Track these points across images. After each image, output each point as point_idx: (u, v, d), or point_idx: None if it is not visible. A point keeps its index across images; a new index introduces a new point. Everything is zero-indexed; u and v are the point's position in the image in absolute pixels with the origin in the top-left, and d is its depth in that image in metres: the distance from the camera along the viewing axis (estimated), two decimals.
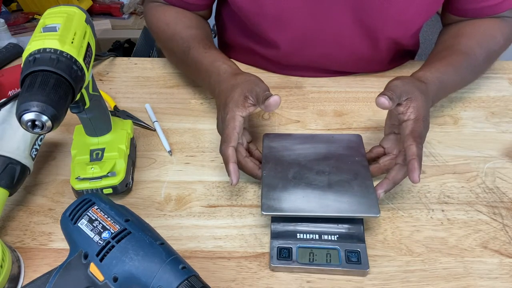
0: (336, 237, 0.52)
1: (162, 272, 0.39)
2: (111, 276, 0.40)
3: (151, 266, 0.40)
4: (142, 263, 0.40)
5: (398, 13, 0.70)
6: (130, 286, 0.40)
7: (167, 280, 0.39)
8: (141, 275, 0.39)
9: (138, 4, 1.84)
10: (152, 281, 0.39)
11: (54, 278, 0.42)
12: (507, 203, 0.58)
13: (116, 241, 0.41)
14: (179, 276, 0.39)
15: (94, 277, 0.41)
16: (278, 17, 0.71)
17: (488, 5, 0.71)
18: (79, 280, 0.42)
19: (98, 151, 0.58)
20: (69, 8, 0.49)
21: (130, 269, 0.40)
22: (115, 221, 0.43)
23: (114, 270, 0.40)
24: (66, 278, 0.42)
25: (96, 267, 0.41)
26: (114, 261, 0.40)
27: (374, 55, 0.78)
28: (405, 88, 0.55)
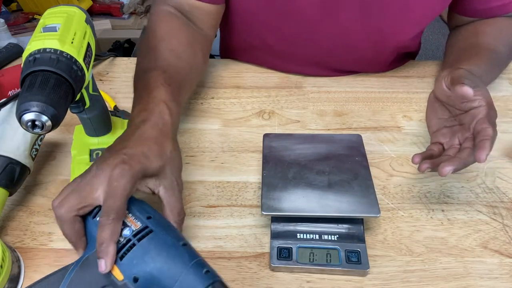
0: (336, 237, 0.52)
1: (185, 276, 0.37)
2: (131, 276, 0.38)
3: (174, 268, 0.38)
4: (165, 265, 0.38)
5: (405, 14, 0.70)
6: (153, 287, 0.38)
7: (190, 284, 0.37)
8: (163, 277, 0.37)
9: (138, 4, 1.84)
10: (175, 284, 0.37)
11: (71, 274, 0.39)
12: (507, 203, 0.58)
13: (137, 239, 0.39)
14: (203, 281, 0.37)
15: (112, 276, 0.39)
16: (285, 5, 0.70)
17: (498, 4, 0.71)
18: (96, 278, 0.39)
19: (98, 151, 0.58)
20: (69, 8, 0.49)
21: (151, 270, 0.38)
22: (136, 218, 0.41)
23: (135, 270, 0.38)
24: (83, 276, 0.40)
25: (115, 266, 0.39)
26: (135, 260, 0.39)
27: (378, 56, 0.78)
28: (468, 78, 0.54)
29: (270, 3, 0.71)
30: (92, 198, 0.42)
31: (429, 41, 2.38)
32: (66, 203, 0.42)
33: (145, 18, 1.84)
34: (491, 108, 0.53)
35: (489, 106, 0.53)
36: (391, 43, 0.75)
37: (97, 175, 0.42)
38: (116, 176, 0.41)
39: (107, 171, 0.42)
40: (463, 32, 0.76)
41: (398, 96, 0.77)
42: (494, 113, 0.53)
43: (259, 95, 0.77)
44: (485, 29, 0.72)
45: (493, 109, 0.53)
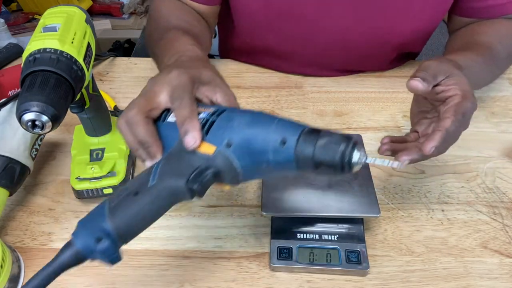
0: (336, 237, 0.52)
1: (278, 124, 0.36)
2: (223, 142, 0.36)
3: (264, 122, 0.36)
4: (254, 121, 0.37)
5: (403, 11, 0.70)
6: (248, 146, 0.36)
7: (286, 130, 0.35)
8: (257, 130, 0.36)
9: (138, 4, 1.84)
10: (271, 134, 0.35)
11: (158, 167, 0.37)
12: (507, 203, 0.58)
13: (215, 116, 0.38)
14: (298, 126, 0.35)
15: (202, 154, 0.37)
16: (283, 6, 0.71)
17: (497, 3, 0.70)
18: (187, 163, 0.37)
19: (98, 151, 0.58)
20: (69, 8, 0.49)
21: (242, 129, 0.36)
22: (208, 107, 0.40)
23: (225, 135, 0.37)
24: (171, 165, 0.38)
25: (203, 142, 0.37)
26: (222, 128, 0.37)
27: (377, 55, 0.78)
28: (441, 67, 0.49)
29: (268, 4, 0.71)
30: (158, 102, 0.42)
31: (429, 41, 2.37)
32: (135, 106, 0.41)
33: (145, 18, 1.84)
34: (465, 98, 0.47)
35: (463, 96, 0.48)
36: (391, 40, 0.75)
37: (157, 82, 0.42)
38: (175, 76, 0.42)
39: (165, 78, 0.42)
40: (461, 34, 0.74)
41: (398, 96, 0.77)
42: (467, 104, 0.47)
43: (259, 95, 0.77)
44: (483, 30, 0.71)
45: (468, 100, 0.47)
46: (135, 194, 0.35)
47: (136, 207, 0.35)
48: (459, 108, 0.46)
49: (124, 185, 0.38)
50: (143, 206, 0.35)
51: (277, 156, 0.35)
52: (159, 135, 0.41)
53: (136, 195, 0.35)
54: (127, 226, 0.35)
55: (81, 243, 0.34)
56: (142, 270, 0.51)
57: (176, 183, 0.36)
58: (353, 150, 0.34)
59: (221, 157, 0.36)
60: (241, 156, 0.36)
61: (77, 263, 0.35)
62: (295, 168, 0.36)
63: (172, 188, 0.36)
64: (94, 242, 0.33)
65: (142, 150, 0.41)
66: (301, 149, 0.34)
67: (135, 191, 0.35)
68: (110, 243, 0.34)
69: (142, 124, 0.40)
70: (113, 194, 0.37)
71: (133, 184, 0.36)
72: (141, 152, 0.41)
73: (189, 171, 0.36)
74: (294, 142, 0.35)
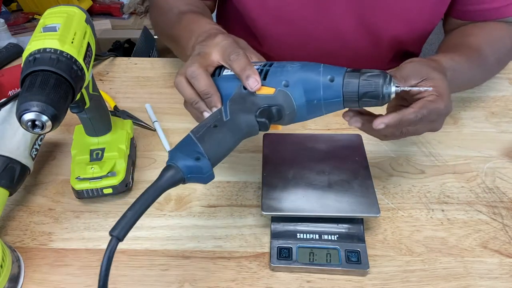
0: (336, 237, 0.52)
1: (324, 67, 0.44)
2: (281, 83, 0.44)
3: (313, 66, 0.44)
4: (304, 66, 0.44)
5: (400, 11, 0.70)
6: (303, 85, 0.43)
7: (332, 71, 0.43)
8: (308, 72, 0.43)
9: (138, 4, 1.84)
10: (321, 75, 0.43)
11: (226, 108, 0.45)
12: (507, 203, 0.58)
13: (268, 66, 0.46)
14: (341, 67, 0.44)
15: (263, 95, 0.44)
16: (279, 9, 0.71)
17: (492, 7, 0.70)
18: (251, 103, 0.45)
19: (98, 151, 0.58)
20: (69, 8, 0.49)
21: (296, 72, 0.44)
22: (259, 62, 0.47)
23: (281, 78, 0.44)
24: (238, 106, 0.45)
25: (262, 87, 0.44)
26: (278, 73, 0.44)
27: (375, 54, 0.78)
28: (417, 69, 0.50)
29: (265, 10, 0.72)
30: (212, 60, 0.48)
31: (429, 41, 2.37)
32: (195, 62, 0.47)
33: (145, 18, 1.84)
34: (439, 99, 0.48)
35: (438, 97, 0.48)
36: (387, 38, 0.75)
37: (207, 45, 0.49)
38: (221, 39, 0.49)
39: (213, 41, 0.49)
40: (453, 34, 0.74)
41: None
42: (440, 104, 0.48)
43: None
44: (474, 31, 0.71)
45: (441, 101, 0.48)
46: (215, 127, 0.43)
47: (219, 135, 0.43)
48: (428, 104, 0.47)
49: (201, 123, 0.44)
50: (224, 134, 0.43)
51: (327, 92, 0.43)
52: (221, 86, 0.47)
53: (216, 127, 0.43)
54: (214, 150, 0.42)
55: (182, 163, 0.39)
56: (142, 270, 0.51)
57: (248, 117, 0.44)
58: (390, 81, 0.42)
59: (281, 95, 0.44)
60: (297, 94, 0.44)
61: (175, 184, 0.39)
62: (341, 102, 0.43)
63: (244, 121, 0.44)
64: (194, 161, 0.40)
65: (201, 102, 0.48)
66: (348, 84, 0.42)
67: (214, 125, 0.43)
68: (207, 160, 0.40)
69: (204, 77, 0.47)
70: (195, 128, 0.43)
71: (209, 121, 0.44)
72: (201, 104, 0.48)
73: (256, 109, 0.44)
74: (341, 78, 0.43)
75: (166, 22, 0.69)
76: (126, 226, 0.36)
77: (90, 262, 0.52)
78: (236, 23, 0.81)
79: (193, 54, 0.49)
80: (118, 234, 0.36)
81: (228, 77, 0.47)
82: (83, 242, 0.54)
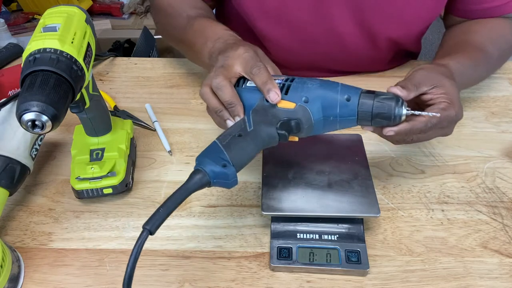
0: (336, 237, 0.52)
1: (342, 86, 0.47)
2: (301, 99, 0.47)
3: (331, 85, 0.48)
4: (323, 84, 0.48)
5: (397, 13, 0.70)
6: (321, 102, 0.47)
7: (349, 91, 0.47)
8: (326, 91, 0.47)
9: (138, 4, 1.84)
10: (338, 94, 0.47)
11: (250, 118, 0.48)
12: (507, 203, 0.58)
13: (289, 82, 0.49)
14: (357, 88, 0.47)
15: (284, 109, 0.48)
16: (278, 13, 0.71)
17: (493, 6, 0.71)
18: (273, 115, 0.48)
19: (98, 151, 0.58)
20: (69, 8, 0.49)
21: (315, 89, 0.47)
22: (279, 76, 0.51)
23: (302, 94, 0.48)
24: (261, 117, 0.48)
25: (284, 101, 0.48)
26: (299, 90, 0.48)
27: (374, 55, 0.78)
28: (428, 77, 0.52)
29: (264, 12, 0.72)
30: (234, 71, 0.51)
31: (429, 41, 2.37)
32: (220, 74, 0.50)
33: (145, 18, 1.84)
34: (450, 106, 0.50)
35: (449, 105, 0.50)
36: (385, 40, 0.75)
37: (229, 57, 0.52)
38: (243, 51, 0.52)
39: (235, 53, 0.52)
40: (455, 30, 0.75)
41: None
42: (451, 112, 0.50)
43: None
44: (477, 28, 0.71)
45: (452, 108, 0.50)
46: (239, 136, 0.46)
47: (243, 144, 0.46)
48: (439, 112, 0.49)
49: (226, 131, 0.47)
50: (247, 143, 0.46)
51: (343, 110, 0.47)
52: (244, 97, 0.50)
53: (240, 137, 0.46)
54: (239, 158, 0.45)
55: (209, 168, 0.43)
56: (142, 270, 0.51)
57: (270, 129, 0.47)
58: (402, 105, 0.46)
59: (301, 110, 0.47)
60: (315, 110, 0.47)
61: (202, 187, 0.43)
62: (355, 120, 0.47)
63: (266, 132, 0.47)
64: (221, 167, 0.43)
65: (225, 111, 0.51)
66: (363, 104, 0.46)
67: (239, 134, 0.46)
68: (232, 168, 0.44)
69: (228, 88, 0.50)
70: (221, 136, 0.47)
71: (234, 130, 0.47)
72: (224, 112, 0.51)
73: (276, 121, 0.48)
74: (357, 98, 0.46)
75: (176, 26, 0.71)
76: (157, 221, 0.40)
77: (90, 262, 0.52)
78: (236, 24, 0.81)
79: (217, 66, 0.52)
80: (151, 228, 0.39)
81: (250, 88, 0.50)
82: (83, 242, 0.54)
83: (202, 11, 0.71)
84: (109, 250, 0.53)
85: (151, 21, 1.83)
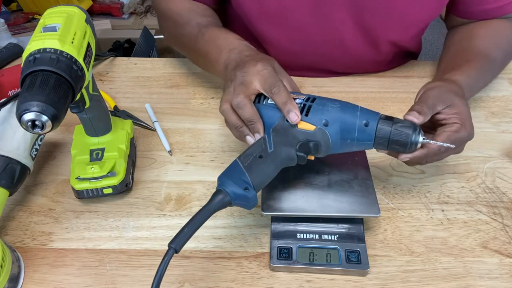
0: (336, 237, 0.52)
1: (361, 111, 0.48)
2: (321, 122, 0.48)
3: (351, 108, 0.49)
4: (343, 108, 0.49)
5: (398, 15, 0.70)
6: (340, 126, 0.48)
7: (368, 116, 0.48)
8: (346, 115, 0.48)
9: (138, 4, 1.84)
10: (357, 119, 0.48)
11: (270, 137, 0.49)
12: (507, 203, 0.58)
13: (310, 102, 0.50)
14: (375, 113, 0.49)
15: (304, 130, 0.49)
16: (278, 14, 0.71)
17: (495, 7, 0.71)
18: (292, 136, 0.49)
19: (98, 151, 0.58)
20: (69, 8, 0.49)
21: (335, 112, 0.48)
22: (299, 94, 0.51)
23: (322, 117, 0.48)
24: (281, 138, 0.49)
25: (304, 122, 0.49)
26: (319, 112, 0.49)
27: (374, 56, 0.78)
28: (441, 97, 0.53)
29: (265, 15, 0.72)
30: (253, 88, 0.51)
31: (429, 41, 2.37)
32: (240, 92, 0.51)
33: (145, 18, 1.84)
34: (462, 128, 0.52)
35: (461, 126, 0.52)
36: (386, 41, 0.75)
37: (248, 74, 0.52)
38: (261, 67, 0.52)
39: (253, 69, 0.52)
40: (458, 34, 0.75)
41: (398, 96, 0.77)
42: (463, 133, 0.52)
43: None
44: (480, 32, 0.72)
45: (464, 130, 0.52)
46: (260, 157, 0.47)
47: (264, 166, 0.47)
48: (452, 135, 0.51)
49: (247, 151, 0.48)
50: (268, 165, 0.47)
51: (361, 134, 0.48)
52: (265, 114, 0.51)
53: (261, 158, 0.47)
54: (259, 181, 0.46)
55: (231, 189, 0.45)
56: (142, 270, 0.51)
57: (289, 150, 0.48)
58: (418, 134, 0.48)
59: (320, 132, 0.48)
60: (333, 133, 0.48)
61: (223, 206, 0.45)
62: (371, 145, 0.49)
63: (286, 153, 0.48)
64: (243, 190, 0.45)
65: (245, 127, 0.52)
66: (380, 130, 0.47)
67: (260, 155, 0.47)
68: (254, 191, 0.45)
69: (248, 107, 0.51)
70: (242, 156, 0.48)
71: (255, 150, 0.48)
72: (244, 129, 0.52)
73: (296, 142, 0.49)
74: (375, 125, 0.48)
75: (186, 35, 0.71)
76: (182, 240, 0.42)
77: (90, 262, 0.52)
78: (236, 26, 0.81)
79: (236, 83, 0.53)
80: (176, 246, 0.41)
81: (270, 106, 0.51)
82: (83, 242, 0.54)
83: (211, 18, 0.72)
84: (109, 250, 0.53)
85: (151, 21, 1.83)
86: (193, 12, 0.72)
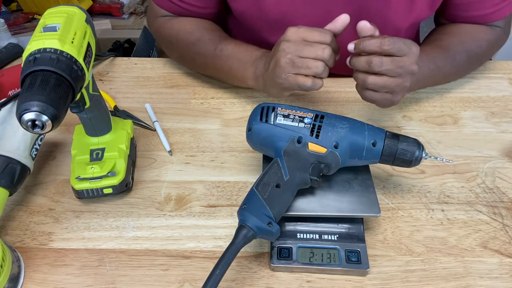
0: (336, 237, 0.52)
1: (368, 131, 0.51)
2: (332, 145, 0.50)
3: (359, 128, 0.51)
4: (352, 128, 0.51)
5: (398, 20, 0.71)
6: (350, 147, 0.50)
7: (375, 135, 0.50)
8: (355, 136, 0.50)
9: (138, 4, 1.84)
10: (365, 140, 0.50)
11: (283, 162, 0.50)
12: (507, 203, 0.58)
13: (319, 121, 0.51)
14: (381, 130, 0.51)
15: (315, 153, 0.50)
16: (279, 20, 0.71)
17: (480, 14, 0.74)
18: (304, 159, 0.50)
19: (98, 151, 0.58)
20: (69, 8, 0.49)
21: (345, 134, 0.50)
22: (305, 111, 0.52)
23: (332, 139, 0.50)
24: (293, 162, 0.50)
25: (314, 144, 0.50)
26: (329, 133, 0.50)
27: None
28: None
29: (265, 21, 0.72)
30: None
31: None
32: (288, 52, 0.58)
33: (145, 18, 1.84)
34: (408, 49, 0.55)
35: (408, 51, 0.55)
36: None
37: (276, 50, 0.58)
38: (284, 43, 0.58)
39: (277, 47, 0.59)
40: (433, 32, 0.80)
41: None
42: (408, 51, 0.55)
43: (259, 95, 0.77)
44: (452, 30, 0.76)
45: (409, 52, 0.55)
46: (278, 186, 0.48)
47: (283, 196, 0.48)
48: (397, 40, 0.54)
49: (264, 179, 0.49)
50: (286, 194, 0.49)
51: (368, 154, 0.51)
52: (273, 134, 0.52)
53: (279, 187, 0.48)
54: (279, 211, 0.48)
55: (253, 224, 0.46)
56: (142, 270, 0.51)
57: (303, 175, 0.50)
58: (422, 152, 0.51)
59: (331, 155, 0.50)
60: (343, 154, 0.50)
61: (248, 241, 0.46)
62: (377, 161, 0.51)
63: (300, 178, 0.50)
64: (267, 225, 0.46)
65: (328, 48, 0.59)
66: (387, 149, 0.50)
67: (277, 184, 0.48)
68: (277, 225, 0.46)
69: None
70: (259, 186, 0.48)
71: (271, 179, 0.49)
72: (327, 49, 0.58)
73: (308, 166, 0.50)
74: (382, 144, 0.50)
75: (200, 53, 0.73)
76: (214, 283, 0.43)
77: (90, 262, 0.52)
78: (238, 33, 0.82)
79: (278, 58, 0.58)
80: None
81: (279, 126, 0.52)
82: (83, 242, 0.54)
83: (220, 32, 0.74)
84: (109, 250, 0.53)
85: None
86: (202, 29, 0.74)
